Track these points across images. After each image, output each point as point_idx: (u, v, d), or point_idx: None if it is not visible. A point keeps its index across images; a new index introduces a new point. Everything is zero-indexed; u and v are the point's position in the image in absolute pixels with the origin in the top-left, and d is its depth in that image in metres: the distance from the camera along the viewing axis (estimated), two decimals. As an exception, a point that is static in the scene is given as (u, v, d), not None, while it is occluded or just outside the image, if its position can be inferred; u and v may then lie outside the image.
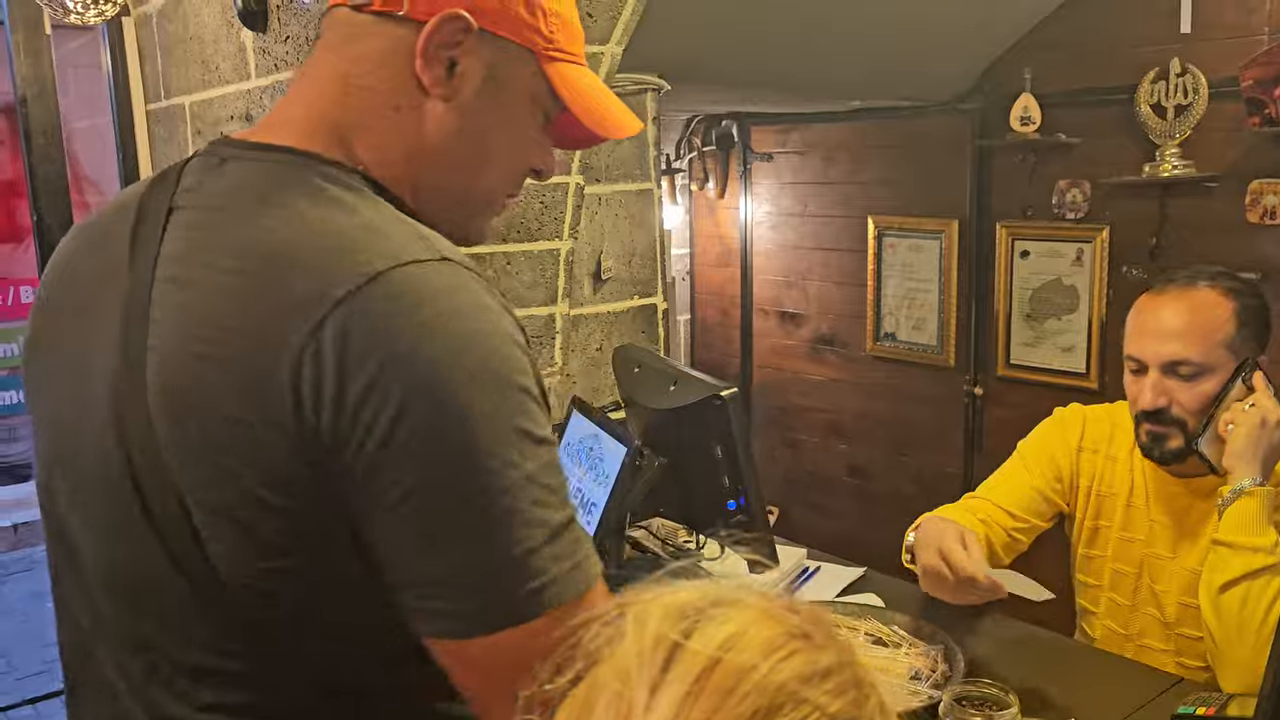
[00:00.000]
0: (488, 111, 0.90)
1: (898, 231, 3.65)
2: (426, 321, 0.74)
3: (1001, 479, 1.88)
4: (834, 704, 0.46)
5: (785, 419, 4.21)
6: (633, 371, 1.99)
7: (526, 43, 0.89)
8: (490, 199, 0.96)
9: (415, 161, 0.90)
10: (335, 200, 0.82)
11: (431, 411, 0.73)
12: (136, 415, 0.80)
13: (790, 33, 2.70)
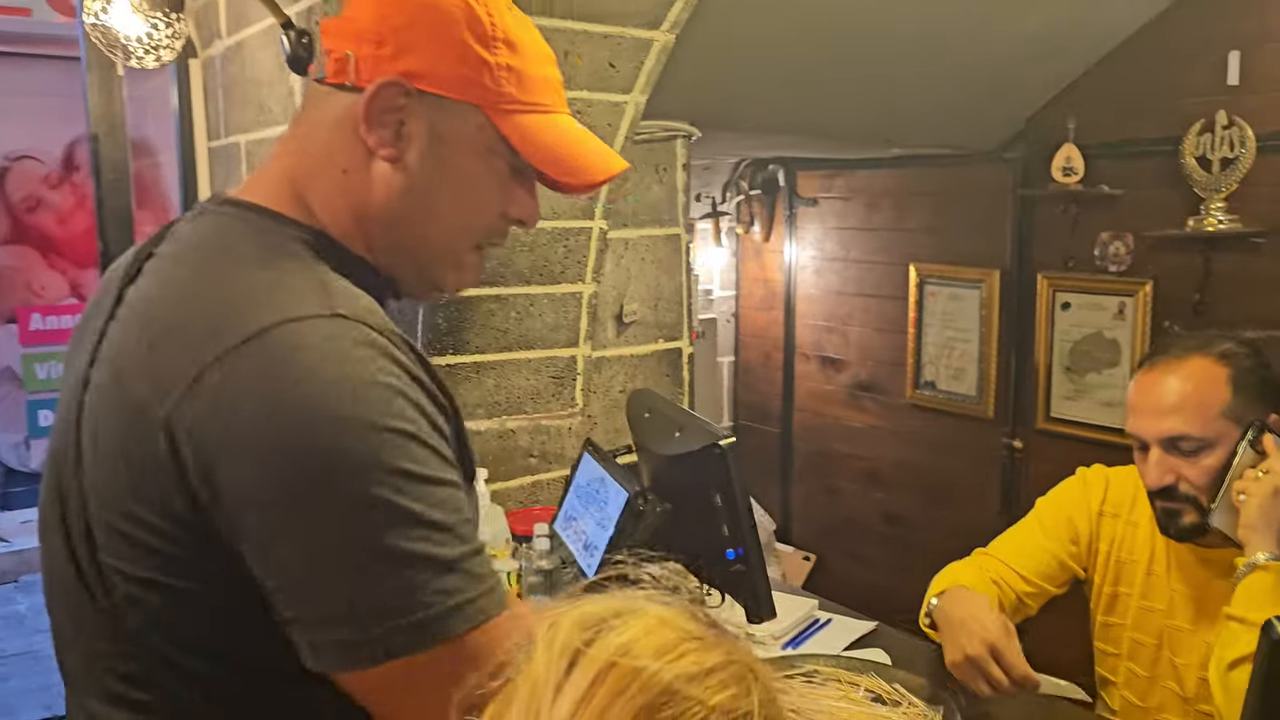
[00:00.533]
0: (434, 170, 0.95)
1: (938, 280, 3.62)
2: (294, 375, 0.78)
3: (1017, 538, 1.85)
4: (716, 697, 0.51)
5: (825, 465, 4.18)
6: (644, 416, 2.02)
7: (472, 99, 0.93)
8: (449, 252, 1.00)
9: (365, 221, 0.95)
10: (264, 257, 0.88)
11: (300, 462, 0.76)
12: (74, 438, 0.88)
13: (832, 81, 2.72)
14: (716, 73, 2.46)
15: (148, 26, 2.24)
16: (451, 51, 0.93)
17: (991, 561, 1.82)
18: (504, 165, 0.97)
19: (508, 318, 2.18)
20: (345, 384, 0.78)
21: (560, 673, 0.52)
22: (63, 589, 0.90)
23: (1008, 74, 3.03)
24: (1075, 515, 1.81)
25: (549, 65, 1.00)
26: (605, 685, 0.51)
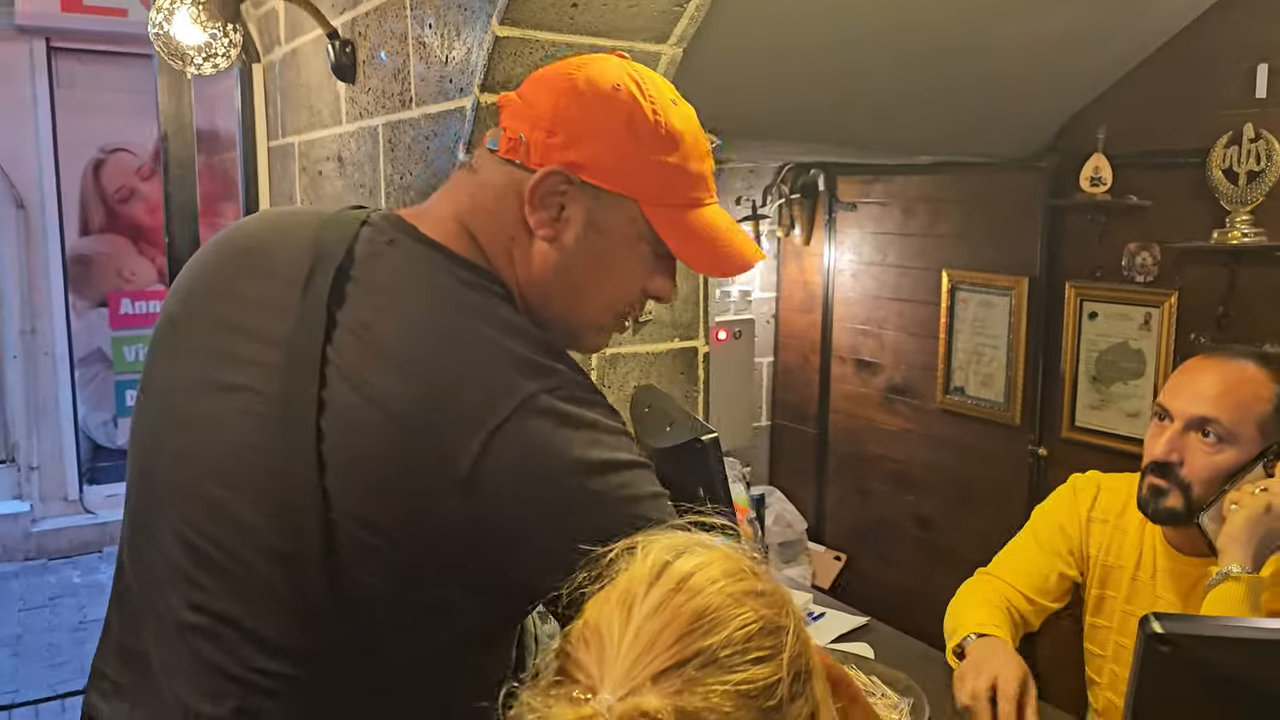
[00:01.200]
0: (587, 253, 1.04)
1: (969, 286, 3.65)
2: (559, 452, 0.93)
3: (1016, 556, 1.89)
4: (763, 611, 0.70)
5: (858, 466, 4.23)
6: (644, 411, 2.12)
7: (630, 193, 1.02)
8: (594, 324, 1.11)
9: (523, 287, 1.05)
10: (493, 319, 0.98)
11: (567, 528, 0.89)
12: (299, 437, 0.93)
13: (857, 91, 2.76)
14: (737, 81, 2.52)
15: (206, 36, 2.40)
16: (616, 146, 1.00)
17: (996, 583, 1.86)
18: (650, 251, 1.06)
19: (523, 314, 2.30)
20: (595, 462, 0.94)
21: (651, 577, 0.70)
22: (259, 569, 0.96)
23: (1038, 83, 3.05)
24: (1067, 523, 1.85)
25: (705, 159, 1.07)
26: (682, 591, 0.69)
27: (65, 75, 5.97)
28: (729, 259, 1.07)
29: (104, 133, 6.12)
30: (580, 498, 0.93)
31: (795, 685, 0.69)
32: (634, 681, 0.66)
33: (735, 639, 0.68)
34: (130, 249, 6.38)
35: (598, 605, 0.71)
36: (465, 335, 0.96)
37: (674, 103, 1.06)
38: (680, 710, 0.64)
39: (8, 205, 5.86)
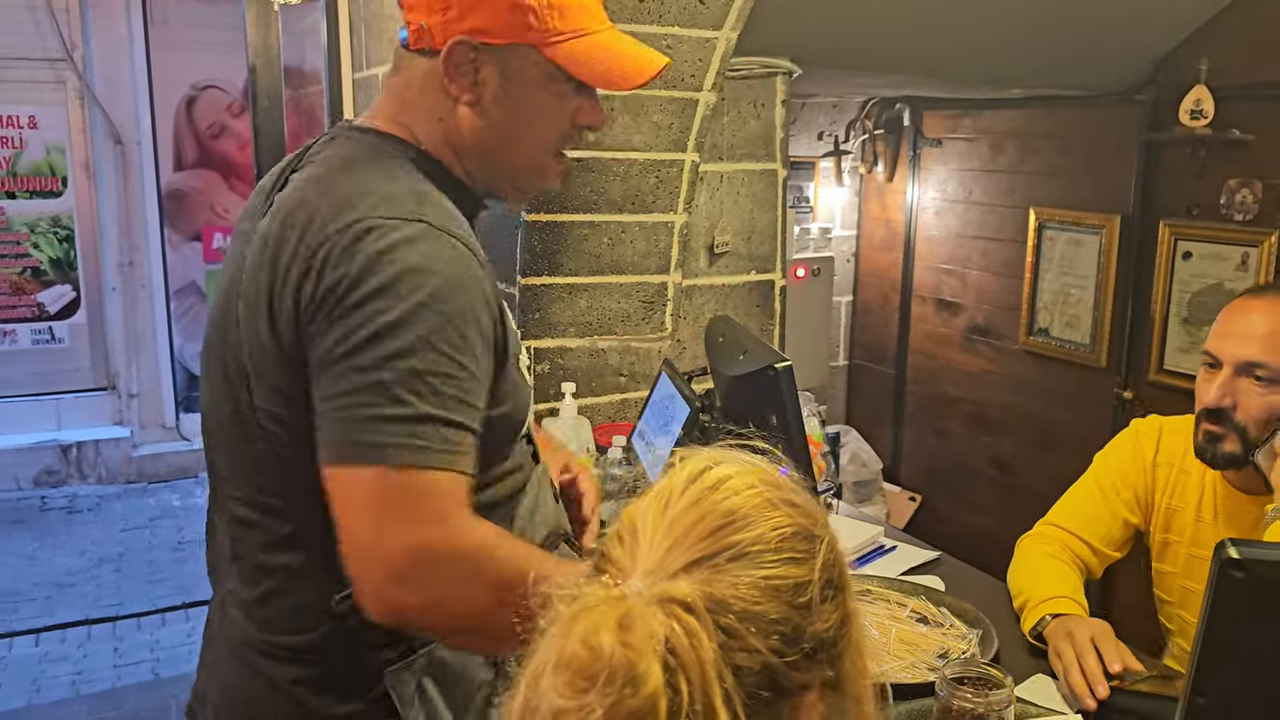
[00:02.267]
0: (508, 105, 1.15)
1: (1058, 225, 3.55)
2: (379, 253, 1.02)
3: (1079, 504, 1.85)
4: (797, 519, 0.70)
5: (936, 407, 4.19)
6: (719, 341, 2.13)
7: (526, 41, 1.13)
8: (533, 165, 1.22)
9: (462, 155, 1.18)
10: (379, 167, 1.12)
11: (364, 320, 1.00)
12: (231, 310, 1.12)
13: (946, 20, 2.69)
14: (818, 9, 2.47)
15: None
16: (502, 5, 1.12)
17: (1059, 534, 1.83)
18: (565, 86, 1.16)
19: (600, 243, 2.31)
20: (419, 271, 1.01)
21: (688, 480, 0.72)
22: (220, 424, 1.17)
23: (1139, 13, 2.92)
24: (1130, 470, 1.81)
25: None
26: (718, 491, 0.70)
27: (159, 13, 6.10)
28: (629, 75, 1.18)
29: (196, 70, 6.25)
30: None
31: (827, 590, 0.69)
32: (666, 570, 0.67)
33: (768, 538, 0.68)
34: (221, 184, 6.54)
35: (634, 507, 0.72)
36: (336, 179, 1.10)
37: None
38: (710, 597, 0.65)
39: (106, 141, 6.05)
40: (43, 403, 6.17)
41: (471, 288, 1.05)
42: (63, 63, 5.92)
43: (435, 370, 1.01)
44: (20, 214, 6.06)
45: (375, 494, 0.98)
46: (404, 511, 0.98)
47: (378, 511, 0.98)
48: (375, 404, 0.99)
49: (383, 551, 0.98)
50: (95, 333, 6.31)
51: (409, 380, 0.99)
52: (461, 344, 1.03)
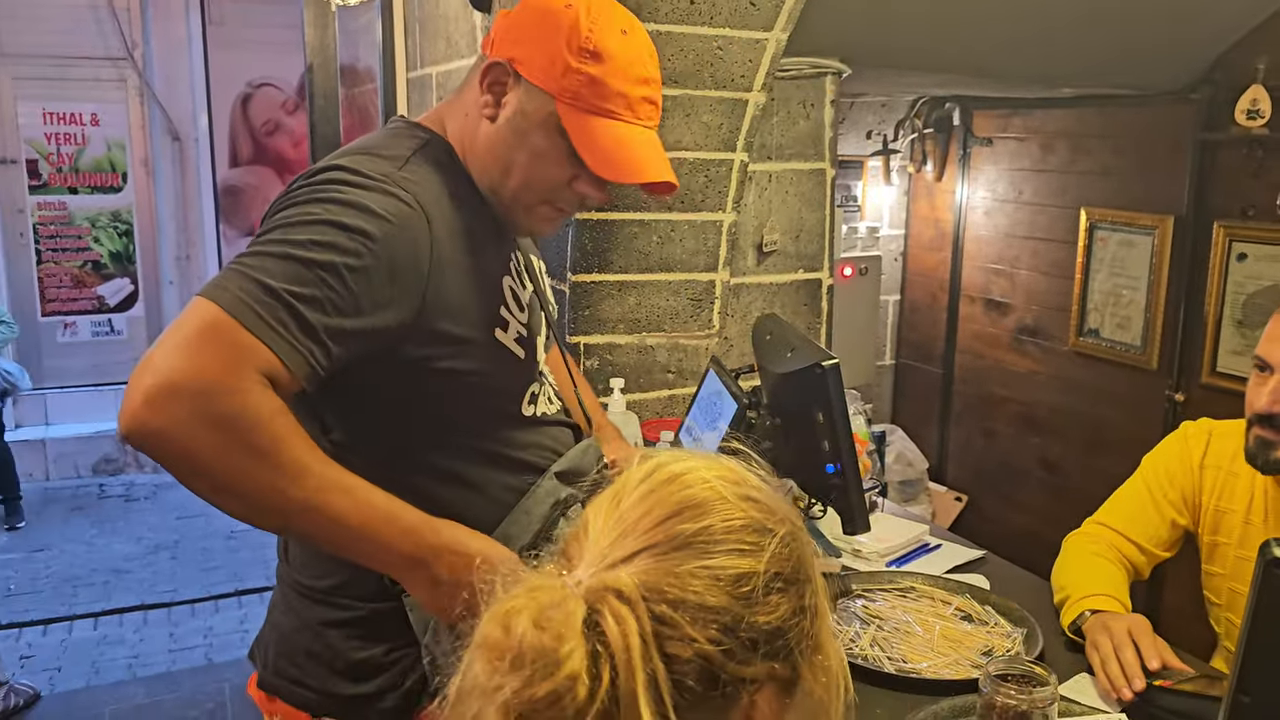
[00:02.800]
0: (512, 133, 1.24)
1: (1110, 225, 3.51)
2: (330, 179, 1.15)
3: (1127, 504, 1.85)
4: (751, 513, 0.70)
5: (984, 407, 4.16)
6: (766, 338, 2.15)
7: (550, 90, 1.21)
8: (518, 200, 1.28)
9: (469, 156, 1.28)
10: (388, 145, 1.23)
11: (294, 210, 1.12)
12: None
13: (997, 19, 2.68)
14: (869, 9, 2.48)
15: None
16: (547, 50, 1.21)
17: (1106, 533, 1.83)
18: (564, 146, 1.23)
19: (650, 241, 2.34)
20: (353, 202, 1.12)
21: (643, 475, 0.72)
22: None
23: (1195, 11, 2.89)
24: (1178, 471, 1.81)
25: (635, 86, 1.23)
26: (672, 484, 0.71)
27: (216, 13, 6.23)
28: (621, 166, 1.23)
29: (251, 68, 6.37)
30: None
31: (775, 582, 0.68)
32: (609, 559, 0.67)
33: (716, 528, 0.68)
34: (275, 180, 6.66)
35: (592, 503, 0.73)
36: (345, 148, 1.24)
37: (623, 32, 1.23)
38: (646, 584, 0.65)
39: (165, 138, 6.20)
40: (102, 393, 6.33)
41: (398, 240, 1.13)
42: (124, 61, 6.07)
43: (315, 267, 1.07)
44: (82, 209, 6.22)
45: (192, 322, 1.03)
46: (203, 346, 1.02)
47: (184, 336, 1.02)
48: (247, 265, 1.07)
49: (159, 364, 1.01)
50: (152, 325, 6.46)
51: (286, 262, 1.07)
52: (358, 271, 1.09)
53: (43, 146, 6.09)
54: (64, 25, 5.92)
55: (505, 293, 1.30)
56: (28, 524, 5.35)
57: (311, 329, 1.06)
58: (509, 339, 1.28)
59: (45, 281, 6.22)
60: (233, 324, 1.03)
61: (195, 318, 1.03)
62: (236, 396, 1.02)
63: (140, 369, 1.01)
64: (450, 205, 1.22)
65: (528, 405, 1.34)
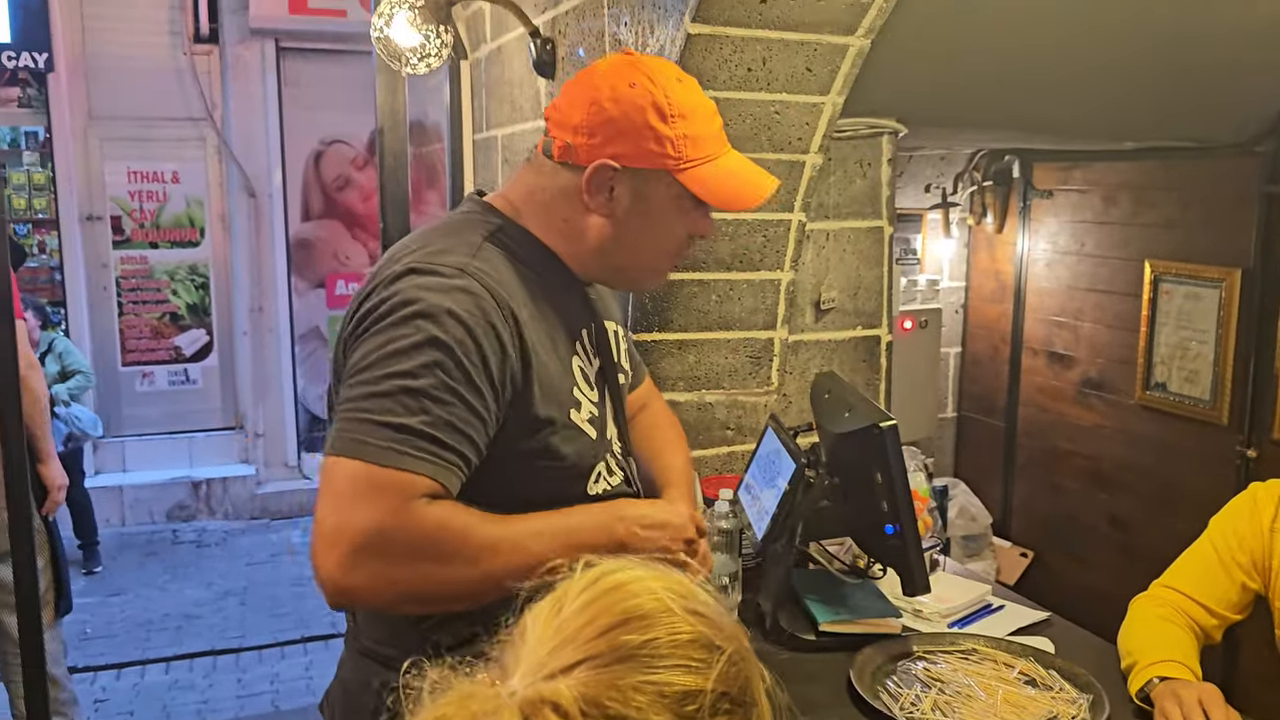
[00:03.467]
0: (638, 220, 1.32)
1: (1175, 278, 3.47)
2: (411, 288, 1.21)
3: (1195, 567, 1.82)
4: (698, 628, 0.67)
5: (1049, 461, 4.10)
6: (824, 397, 2.16)
7: (661, 167, 1.29)
8: (651, 268, 1.40)
9: (580, 253, 1.35)
10: (460, 231, 1.31)
11: (389, 336, 1.18)
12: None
13: (1057, 77, 2.67)
14: (925, 70, 2.49)
15: (421, 38, 2.59)
16: (644, 135, 1.28)
17: (1174, 596, 1.80)
18: (689, 203, 1.33)
19: (709, 300, 2.37)
20: (438, 309, 1.18)
21: (586, 583, 0.70)
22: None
23: (1261, 64, 2.86)
24: (1247, 534, 1.77)
25: (712, 120, 1.33)
26: (615, 592, 0.68)
27: (291, 73, 6.47)
28: (747, 198, 1.34)
29: (324, 126, 6.58)
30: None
31: (722, 703, 0.65)
32: (547, 669, 0.64)
33: (661, 642, 0.65)
34: (345, 234, 6.84)
35: (531, 609, 0.70)
36: (417, 236, 1.32)
37: (679, 80, 1.31)
38: (585, 697, 0.62)
39: (241, 194, 6.42)
40: (176, 441, 6.52)
41: (484, 334, 1.18)
42: (204, 121, 6.32)
43: (429, 393, 1.15)
44: (161, 263, 6.46)
45: (343, 483, 1.12)
46: (366, 500, 1.10)
47: (344, 497, 1.11)
48: (371, 411, 1.14)
49: (334, 533, 1.10)
50: (226, 375, 6.65)
51: (402, 396, 1.14)
52: (461, 378, 1.16)
53: (126, 203, 6.34)
54: (150, 88, 6.19)
55: (576, 373, 1.34)
56: (104, 568, 5.50)
57: (448, 445, 1.15)
58: (583, 419, 1.33)
59: (126, 333, 6.44)
60: (382, 471, 1.12)
61: (344, 478, 1.12)
62: (412, 527, 1.12)
63: (317, 543, 1.11)
64: (523, 290, 1.27)
65: (593, 484, 1.38)
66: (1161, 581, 1.85)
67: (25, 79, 5.96)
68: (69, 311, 6.21)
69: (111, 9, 6.09)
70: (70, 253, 6.19)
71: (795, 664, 1.84)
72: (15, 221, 5.97)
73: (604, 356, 1.45)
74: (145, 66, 6.16)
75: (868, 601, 2.01)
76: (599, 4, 2.34)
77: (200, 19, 6.15)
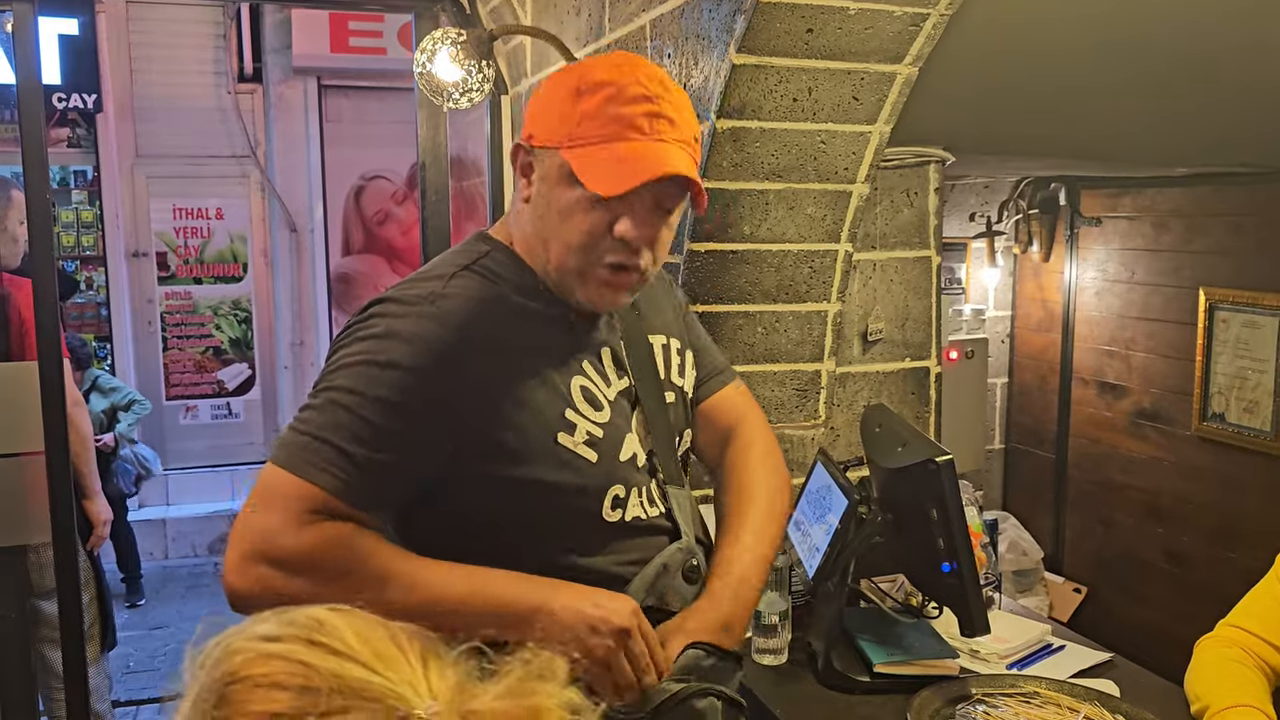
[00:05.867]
0: (540, 203, 1.24)
1: (1231, 305, 3.38)
2: (373, 314, 1.22)
3: (1262, 605, 1.75)
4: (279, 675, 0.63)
5: (1101, 494, 4.00)
6: (875, 431, 2.12)
7: (553, 144, 1.21)
8: (570, 268, 1.24)
9: (524, 248, 1.29)
10: (446, 262, 1.29)
11: (338, 354, 1.20)
12: None
13: (1114, 101, 2.63)
14: (973, 98, 2.47)
15: (463, 73, 2.60)
16: (547, 111, 1.23)
17: (1242, 636, 1.73)
18: (580, 189, 1.19)
19: (754, 332, 2.34)
20: (376, 336, 1.18)
21: (203, 655, 0.67)
22: None
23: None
24: None
25: (635, 105, 1.18)
26: (232, 665, 0.64)
27: (333, 110, 6.55)
28: (620, 177, 1.17)
29: (364, 161, 6.66)
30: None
31: None
32: None
33: None
34: (385, 268, 6.88)
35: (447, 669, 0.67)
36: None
37: (617, 65, 1.21)
38: None
39: (284, 230, 6.49)
40: (219, 474, 6.56)
41: (427, 359, 1.16)
42: (247, 159, 6.42)
43: (353, 409, 1.14)
44: (205, 298, 6.54)
45: (258, 488, 1.14)
46: (267, 505, 1.12)
47: (252, 503, 1.13)
48: (299, 419, 1.16)
49: (237, 534, 1.12)
50: (268, 408, 6.70)
51: (326, 408, 1.15)
52: (394, 400, 1.15)
53: (171, 240, 6.44)
54: (195, 127, 6.30)
55: (574, 394, 1.26)
56: (147, 601, 5.53)
57: (354, 459, 1.13)
58: (575, 442, 1.25)
59: (170, 367, 6.52)
60: (286, 476, 1.12)
61: (260, 482, 1.14)
62: (303, 537, 1.11)
63: (229, 538, 1.13)
64: (498, 314, 1.23)
65: (611, 510, 1.28)
66: (1228, 621, 1.79)
67: (75, 119, 6.08)
68: (114, 346, 6.30)
69: (159, 51, 6.22)
70: (116, 289, 6.29)
71: (850, 707, 1.79)
72: (64, 258, 6.08)
73: (641, 374, 1.37)
74: (190, 106, 6.28)
75: (923, 642, 1.96)
76: (642, 36, 2.33)
77: (244, 59, 6.26)
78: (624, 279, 1.25)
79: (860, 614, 2.11)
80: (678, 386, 1.44)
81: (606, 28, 2.53)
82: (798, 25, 1.95)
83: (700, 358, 1.54)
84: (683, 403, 1.46)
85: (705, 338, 1.60)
